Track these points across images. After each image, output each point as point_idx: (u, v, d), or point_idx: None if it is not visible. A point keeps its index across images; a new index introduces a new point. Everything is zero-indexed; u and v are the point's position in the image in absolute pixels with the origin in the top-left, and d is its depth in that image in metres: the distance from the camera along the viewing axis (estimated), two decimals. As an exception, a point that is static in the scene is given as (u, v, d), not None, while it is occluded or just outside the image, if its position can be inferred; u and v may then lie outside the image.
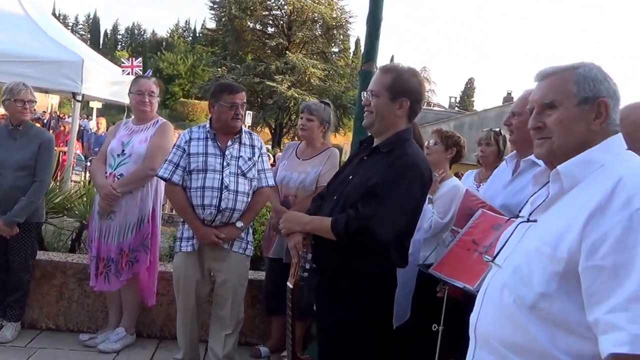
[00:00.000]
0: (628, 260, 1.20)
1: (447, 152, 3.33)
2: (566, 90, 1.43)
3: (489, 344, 1.46)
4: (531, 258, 1.37)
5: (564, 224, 1.33)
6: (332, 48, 32.23)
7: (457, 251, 2.25)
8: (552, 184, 1.45)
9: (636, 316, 1.16)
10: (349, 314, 2.26)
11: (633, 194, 1.25)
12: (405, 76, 2.31)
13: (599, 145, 1.41)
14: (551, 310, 1.31)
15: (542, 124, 1.46)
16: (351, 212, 2.19)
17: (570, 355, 1.29)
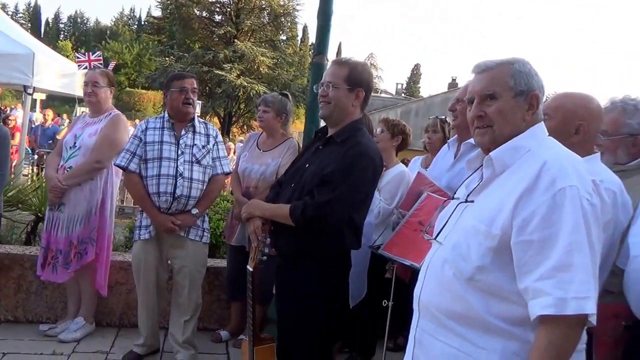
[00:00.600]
0: (553, 234, 1.40)
1: (393, 140, 3.53)
2: (505, 83, 1.60)
3: (431, 314, 1.63)
4: (469, 235, 1.54)
5: (497, 204, 1.51)
6: (281, 36, 32.06)
7: (405, 232, 2.44)
8: (485, 168, 1.63)
9: (560, 282, 1.36)
10: (307, 295, 2.41)
11: (556, 176, 1.44)
12: (359, 68, 2.47)
13: (525, 133, 1.60)
14: (487, 281, 1.49)
15: (483, 113, 1.62)
16: (308, 199, 2.34)
17: (502, 320, 1.48)
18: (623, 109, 2.31)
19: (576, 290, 1.35)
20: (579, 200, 1.40)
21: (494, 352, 1.47)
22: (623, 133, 2.30)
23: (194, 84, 3.43)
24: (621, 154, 2.32)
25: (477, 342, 1.50)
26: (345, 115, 2.46)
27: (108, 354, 3.60)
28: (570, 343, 1.37)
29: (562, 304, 1.34)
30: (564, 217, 1.39)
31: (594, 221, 1.42)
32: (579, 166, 1.50)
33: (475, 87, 1.66)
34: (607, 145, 2.33)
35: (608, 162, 2.36)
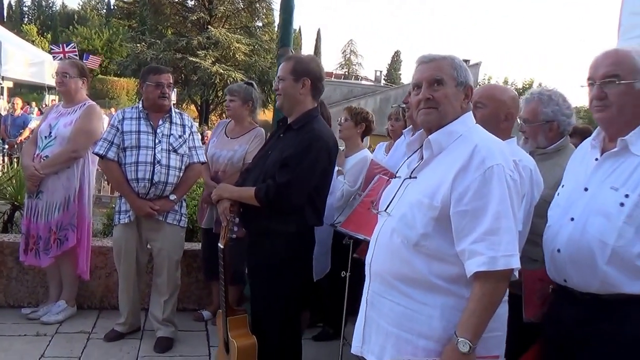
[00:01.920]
0: (484, 205, 1.68)
1: (357, 127, 3.78)
2: (450, 72, 1.86)
3: (381, 277, 1.89)
4: (414, 207, 1.80)
5: (437, 181, 1.77)
6: (256, 22, 31.81)
7: (360, 211, 2.72)
8: (425, 150, 1.89)
9: (491, 244, 1.65)
10: (275, 268, 2.67)
11: (485, 157, 1.72)
12: (305, 61, 2.75)
13: (457, 120, 1.86)
14: (430, 246, 1.76)
15: (431, 96, 1.86)
16: (270, 181, 2.60)
17: (442, 279, 1.75)
18: (540, 99, 2.60)
19: (504, 249, 1.64)
20: (504, 176, 1.69)
21: (434, 307, 1.75)
22: (541, 120, 2.59)
23: (169, 78, 3.63)
24: (541, 139, 2.62)
25: (421, 299, 1.77)
26: (295, 103, 2.71)
27: (90, 334, 3.80)
28: (499, 293, 1.67)
29: (493, 262, 1.64)
30: (493, 190, 1.68)
31: (515, 193, 1.72)
32: (503, 148, 1.79)
33: (423, 74, 1.89)
34: (529, 131, 2.64)
35: (532, 147, 2.66)
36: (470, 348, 1.63)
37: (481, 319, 1.65)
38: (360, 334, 1.96)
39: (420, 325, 1.77)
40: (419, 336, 1.77)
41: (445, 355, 1.69)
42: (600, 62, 1.88)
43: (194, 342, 3.81)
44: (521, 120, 2.70)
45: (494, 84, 2.59)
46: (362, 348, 1.94)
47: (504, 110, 2.37)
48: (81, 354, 3.48)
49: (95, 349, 3.58)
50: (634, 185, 1.77)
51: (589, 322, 1.86)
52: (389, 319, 1.85)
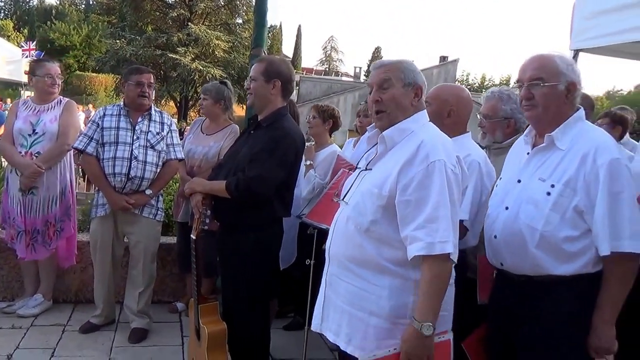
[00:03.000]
0: (425, 195, 1.86)
1: (325, 124, 3.95)
2: (397, 75, 2.04)
3: (337, 260, 2.08)
4: (365, 196, 1.98)
5: (387, 173, 1.95)
6: (236, 19, 31.77)
7: (324, 202, 2.89)
8: (379, 145, 2.07)
9: (430, 231, 1.83)
10: (244, 257, 2.81)
11: (429, 152, 1.89)
12: (276, 63, 2.89)
13: (410, 118, 2.04)
14: (378, 232, 1.94)
15: (379, 98, 2.05)
16: (240, 174, 2.74)
17: (390, 262, 1.93)
18: (499, 97, 2.78)
19: (441, 236, 1.82)
20: (445, 170, 1.86)
21: (383, 287, 1.93)
22: (500, 117, 2.78)
23: (150, 78, 3.75)
24: (499, 134, 2.81)
25: (371, 280, 1.96)
26: (266, 103, 2.85)
27: (65, 326, 3.89)
28: (445, 275, 1.85)
29: (430, 247, 1.81)
30: (434, 182, 1.85)
31: (455, 185, 1.89)
32: (447, 145, 1.97)
33: (374, 79, 2.09)
34: (488, 127, 2.82)
35: (489, 141, 2.85)
36: (434, 329, 1.81)
37: (435, 301, 1.83)
38: (320, 313, 2.14)
39: (371, 304, 1.94)
40: (370, 314, 1.94)
41: (408, 342, 1.84)
42: (527, 66, 2.08)
43: (168, 333, 3.93)
44: (481, 116, 2.88)
45: (445, 83, 2.77)
46: (322, 326, 2.12)
47: (446, 108, 2.56)
48: (56, 346, 3.57)
49: (69, 341, 3.67)
50: (559, 176, 1.96)
51: (525, 303, 2.05)
52: (344, 299, 2.02)
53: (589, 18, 3.73)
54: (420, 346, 1.82)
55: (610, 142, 1.98)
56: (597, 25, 3.69)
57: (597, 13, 3.70)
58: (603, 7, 3.63)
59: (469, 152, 2.42)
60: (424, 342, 1.81)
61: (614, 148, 1.96)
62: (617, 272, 1.91)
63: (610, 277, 1.92)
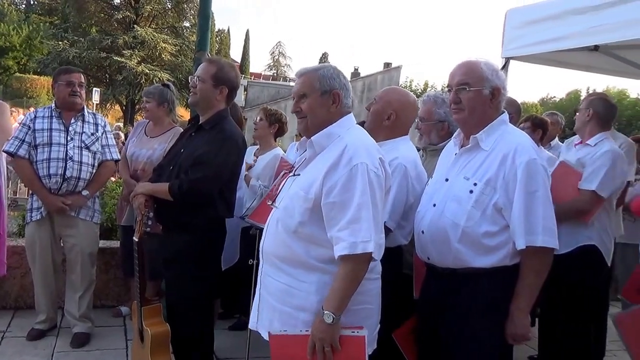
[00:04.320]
0: (349, 198, 1.93)
1: (270, 127, 4.02)
2: (312, 85, 2.08)
3: (269, 260, 2.15)
4: (294, 199, 2.05)
5: (313, 177, 2.02)
6: (184, 22, 31.37)
7: (265, 203, 2.94)
8: (308, 149, 2.15)
9: (352, 231, 1.90)
10: (187, 257, 2.83)
11: (352, 156, 1.96)
12: (226, 69, 2.91)
13: (336, 123, 2.11)
14: (306, 232, 2.01)
15: (299, 109, 2.13)
16: (183, 176, 2.77)
17: (318, 260, 2.01)
18: (434, 101, 2.93)
19: (363, 236, 1.89)
20: (367, 173, 1.93)
21: (311, 283, 2.01)
22: (434, 120, 2.92)
23: (80, 78, 3.71)
24: (434, 137, 2.95)
25: (301, 278, 2.03)
26: (209, 106, 2.89)
27: (5, 332, 3.80)
28: (360, 272, 1.93)
29: (353, 247, 1.89)
30: (357, 185, 1.92)
31: (378, 187, 1.96)
32: (371, 148, 2.04)
33: (294, 89, 2.17)
34: (424, 129, 2.96)
35: (425, 143, 2.99)
36: (334, 319, 1.89)
37: (343, 295, 1.90)
38: (256, 311, 2.20)
39: (300, 300, 2.02)
40: (299, 310, 2.02)
41: (314, 326, 1.94)
42: (455, 72, 2.22)
43: (112, 337, 3.89)
44: (418, 119, 3.01)
45: (395, 87, 2.88)
46: (257, 323, 2.18)
47: (387, 111, 2.64)
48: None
49: (9, 347, 3.59)
50: (481, 175, 2.11)
51: (448, 294, 2.19)
52: (275, 296, 2.09)
53: (519, 28, 3.96)
54: (324, 331, 1.90)
55: (528, 144, 2.12)
56: (526, 34, 3.92)
57: (526, 23, 3.93)
58: (532, 17, 3.86)
59: (397, 155, 2.52)
60: (327, 328, 1.89)
61: (532, 149, 2.10)
62: (532, 264, 2.06)
63: (526, 269, 2.07)
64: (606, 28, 3.15)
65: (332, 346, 1.92)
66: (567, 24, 3.40)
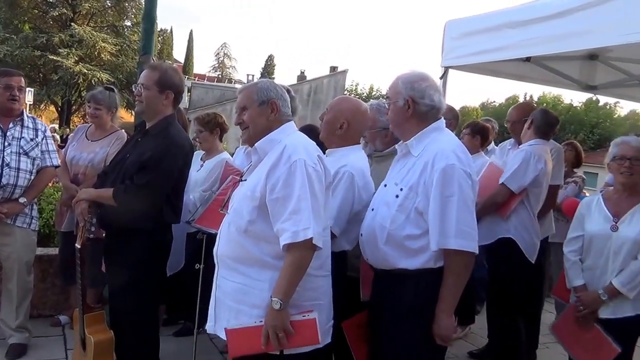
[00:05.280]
0: (290, 192, 2.05)
1: (213, 134, 4.01)
2: (251, 97, 2.26)
3: (224, 262, 2.22)
4: (242, 200, 2.17)
5: (258, 177, 2.14)
6: (124, 21, 30.45)
7: (212, 208, 2.98)
8: (253, 155, 2.27)
9: (294, 221, 2.02)
10: (132, 263, 2.78)
11: (291, 153, 2.09)
12: (170, 73, 2.90)
13: (278, 129, 2.26)
14: (256, 230, 2.12)
15: (242, 120, 2.28)
16: (128, 182, 2.74)
17: (270, 257, 2.11)
18: (378, 109, 3.04)
19: (303, 224, 2.01)
20: (305, 167, 2.07)
21: (264, 281, 2.10)
22: (378, 127, 3.03)
23: (20, 81, 3.58)
24: (379, 144, 3.06)
25: (254, 276, 2.12)
26: (156, 112, 2.87)
27: None
28: (305, 260, 2.05)
29: (295, 235, 2.01)
30: (296, 179, 2.05)
31: (317, 180, 2.10)
32: (309, 147, 2.18)
33: (238, 102, 2.32)
34: (369, 136, 3.07)
35: (371, 150, 3.09)
36: (281, 305, 1.99)
37: (290, 282, 2.03)
38: (213, 314, 2.26)
39: (254, 297, 2.11)
40: (253, 307, 2.11)
41: (266, 316, 2.04)
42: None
43: (51, 347, 3.77)
44: None
45: (347, 96, 2.98)
46: (215, 326, 2.24)
47: (339, 120, 2.72)
48: None
49: (-62, 361, 3.41)
50: (407, 180, 2.26)
51: (385, 295, 2.33)
52: (231, 297, 2.17)
53: (457, 39, 4.14)
54: (274, 318, 2.01)
55: (448, 150, 2.21)
56: (464, 45, 4.10)
57: (464, 34, 4.11)
58: (469, 29, 4.05)
59: (346, 162, 2.61)
60: (276, 315, 2.00)
61: (452, 155, 2.19)
62: (451, 267, 2.18)
63: (446, 271, 2.19)
64: (537, 41, 3.35)
65: (286, 331, 2.01)
66: (501, 36, 3.59)
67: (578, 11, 2.98)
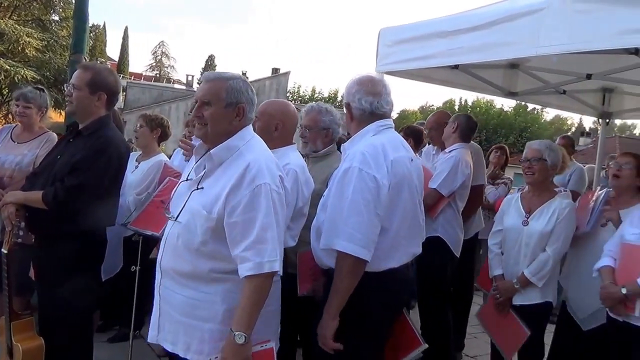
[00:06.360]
0: (252, 217, 1.98)
1: (152, 133, 3.97)
2: (219, 95, 2.07)
3: (168, 274, 2.15)
4: (196, 217, 2.06)
5: (215, 195, 2.03)
6: (52, 16, 29.00)
7: (149, 210, 2.96)
8: (207, 162, 2.14)
9: (258, 251, 1.96)
10: (64, 271, 2.71)
11: (255, 175, 2.01)
12: (103, 74, 2.83)
13: (236, 135, 2.12)
14: (208, 250, 2.04)
15: (201, 115, 2.10)
16: (58, 184, 2.66)
17: (221, 273, 2.05)
18: (319, 110, 3.15)
19: (269, 255, 1.97)
20: (270, 193, 2.01)
21: (216, 294, 2.06)
22: (319, 127, 3.13)
23: None
24: (319, 144, 3.17)
25: (204, 291, 2.07)
26: (88, 113, 2.81)
27: None
28: (265, 289, 2.00)
29: (259, 267, 1.96)
30: (260, 205, 1.98)
31: (280, 206, 2.05)
32: (271, 165, 2.10)
33: (199, 93, 2.14)
34: (310, 137, 3.16)
35: (310, 150, 3.19)
36: (246, 339, 1.93)
37: (251, 313, 1.96)
38: (156, 324, 2.18)
39: (205, 311, 2.06)
40: (205, 321, 2.06)
41: (225, 349, 1.96)
42: None
43: (-26, 358, 3.58)
44: (303, 127, 3.18)
45: (272, 100, 3.04)
46: (158, 336, 2.18)
47: (273, 123, 2.80)
48: None
49: None
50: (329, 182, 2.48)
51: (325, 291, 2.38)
52: (179, 310, 2.10)
53: (391, 46, 4.29)
54: (237, 353, 1.93)
55: (357, 154, 2.26)
56: (397, 52, 4.25)
57: (396, 42, 4.26)
58: (401, 37, 4.20)
59: (288, 161, 2.69)
60: (239, 349, 1.92)
61: (358, 157, 2.23)
62: (337, 268, 2.23)
63: (334, 272, 2.25)
64: (463, 50, 3.54)
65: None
66: (431, 45, 3.76)
67: (499, 24, 3.18)
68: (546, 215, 3.19)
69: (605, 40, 2.69)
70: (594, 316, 3.17)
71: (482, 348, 4.35)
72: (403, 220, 2.34)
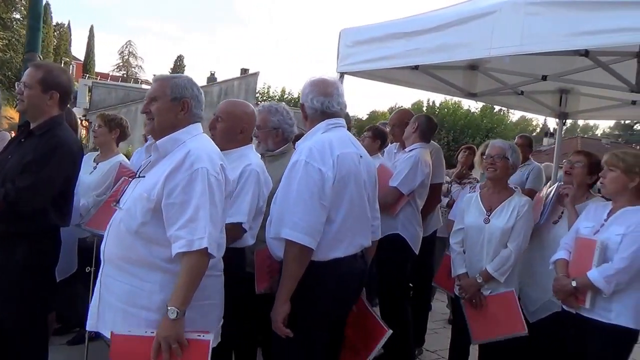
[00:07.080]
0: (188, 199, 2.05)
1: (111, 133, 3.93)
2: (164, 91, 2.22)
3: (111, 260, 2.19)
4: (137, 201, 2.13)
5: (156, 179, 2.11)
6: (13, 14, 28.32)
7: (103, 210, 2.94)
8: (153, 153, 2.24)
9: (190, 230, 2.02)
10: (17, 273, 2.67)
11: (194, 161, 2.09)
12: (55, 72, 2.81)
13: (183, 129, 2.24)
14: (148, 232, 2.10)
15: (148, 110, 2.23)
16: (9, 185, 2.61)
17: (160, 259, 2.10)
18: (269, 110, 3.17)
19: (199, 233, 2.02)
20: (207, 177, 2.08)
21: (154, 283, 2.10)
22: (269, 127, 3.15)
23: None
24: (270, 143, 3.19)
25: (144, 278, 2.11)
26: (40, 112, 2.77)
27: None
28: (200, 268, 2.05)
29: (190, 244, 2.02)
30: (196, 187, 2.06)
31: (217, 190, 2.12)
32: (213, 155, 2.19)
33: (148, 92, 2.28)
34: (261, 136, 3.18)
35: (263, 149, 3.20)
36: (178, 314, 1.98)
37: (186, 291, 2.01)
38: (95, 312, 2.21)
39: (143, 299, 2.10)
40: (142, 309, 2.09)
41: (160, 326, 2.01)
42: None
43: None
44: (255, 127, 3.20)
45: (233, 100, 3.05)
46: (97, 324, 2.20)
47: (240, 125, 2.85)
48: None
49: None
50: None
51: None
52: (117, 297, 2.14)
53: (351, 46, 4.34)
54: (169, 329, 1.97)
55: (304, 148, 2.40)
56: (357, 52, 4.30)
57: (357, 42, 4.31)
58: (361, 38, 4.25)
59: (250, 162, 2.74)
60: (171, 324, 1.97)
61: (305, 151, 2.37)
62: (285, 255, 2.34)
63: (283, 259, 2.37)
64: (421, 51, 3.61)
65: (180, 343, 1.99)
66: (389, 46, 3.82)
67: (455, 25, 3.26)
68: (507, 212, 3.27)
69: (556, 42, 2.79)
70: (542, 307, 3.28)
71: (443, 343, 4.44)
72: (349, 212, 2.43)
